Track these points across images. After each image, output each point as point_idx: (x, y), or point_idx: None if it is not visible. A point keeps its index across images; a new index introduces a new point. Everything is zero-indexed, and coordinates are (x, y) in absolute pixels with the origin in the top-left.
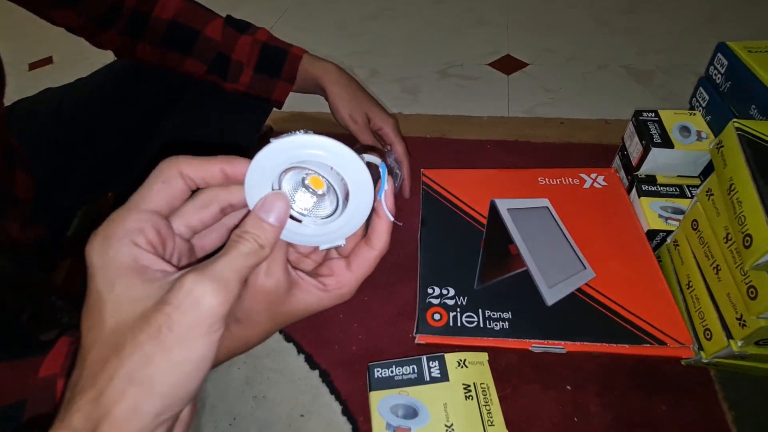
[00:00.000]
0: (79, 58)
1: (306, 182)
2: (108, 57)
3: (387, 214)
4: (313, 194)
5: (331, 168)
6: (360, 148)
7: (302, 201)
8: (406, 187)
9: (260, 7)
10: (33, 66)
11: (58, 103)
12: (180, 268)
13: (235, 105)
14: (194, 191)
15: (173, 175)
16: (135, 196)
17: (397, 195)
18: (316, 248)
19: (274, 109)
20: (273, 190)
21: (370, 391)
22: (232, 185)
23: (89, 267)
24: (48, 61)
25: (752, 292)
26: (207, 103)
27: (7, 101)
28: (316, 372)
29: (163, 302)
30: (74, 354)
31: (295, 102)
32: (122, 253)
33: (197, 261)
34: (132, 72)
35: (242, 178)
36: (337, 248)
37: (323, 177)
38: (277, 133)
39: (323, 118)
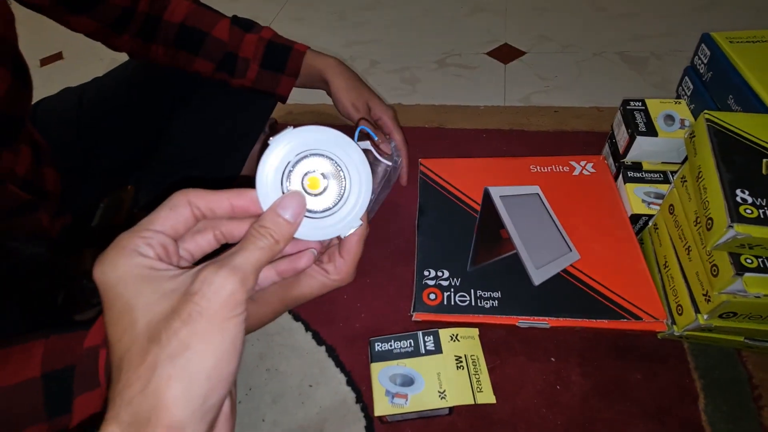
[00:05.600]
0: (89, 54)
1: (305, 183)
2: (115, 52)
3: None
4: (314, 192)
5: (333, 160)
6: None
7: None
8: (404, 174)
9: None
10: (44, 62)
11: (78, 101)
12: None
13: (242, 99)
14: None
15: (181, 203)
16: (142, 221)
17: (396, 182)
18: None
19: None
20: (283, 190)
21: (371, 362)
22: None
23: (103, 285)
24: (58, 57)
25: (714, 270)
26: (217, 99)
27: None
28: (323, 347)
29: (190, 293)
30: None
31: (298, 96)
32: (134, 264)
33: None
34: (146, 70)
35: (247, 210)
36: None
37: (325, 173)
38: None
39: (325, 111)
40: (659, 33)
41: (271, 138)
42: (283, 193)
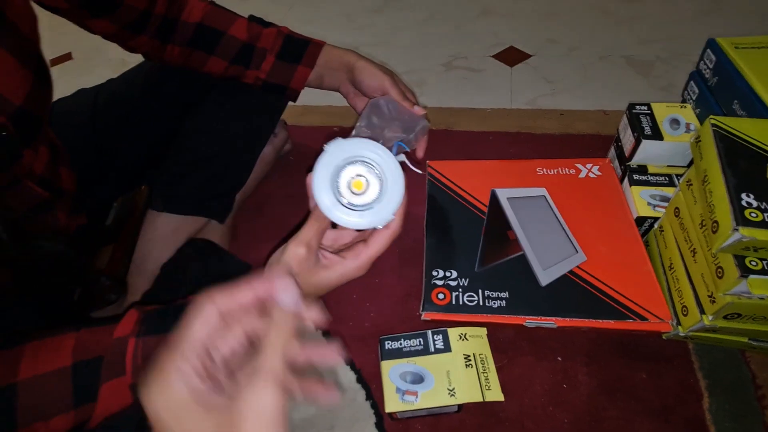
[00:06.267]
0: (97, 54)
1: (351, 183)
2: (124, 52)
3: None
4: (358, 192)
5: (373, 167)
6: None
7: (351, 197)
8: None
9: (269, 0)
10: (54, 63)
11: (92, 102)
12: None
13: (254, 101)
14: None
15: (208, 309)
16: (178, 337)
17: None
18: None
19: (290, 103)
20: (332, 188)
21: (382, 360)
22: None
23: (152, 411)
24: (67, 57)
25: (720, 272)
26: (229, 100)
27: None
28: None
29: (234, 412)
30: (143, 320)
31: (307, 97)
32: (178, 389)
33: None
34: (160, 71)
35: (269, 293)
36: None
37: (367, 177)
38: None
39: (335, 113)
40: (665, 37)
41: (325, 145)
42: (332, 191)
